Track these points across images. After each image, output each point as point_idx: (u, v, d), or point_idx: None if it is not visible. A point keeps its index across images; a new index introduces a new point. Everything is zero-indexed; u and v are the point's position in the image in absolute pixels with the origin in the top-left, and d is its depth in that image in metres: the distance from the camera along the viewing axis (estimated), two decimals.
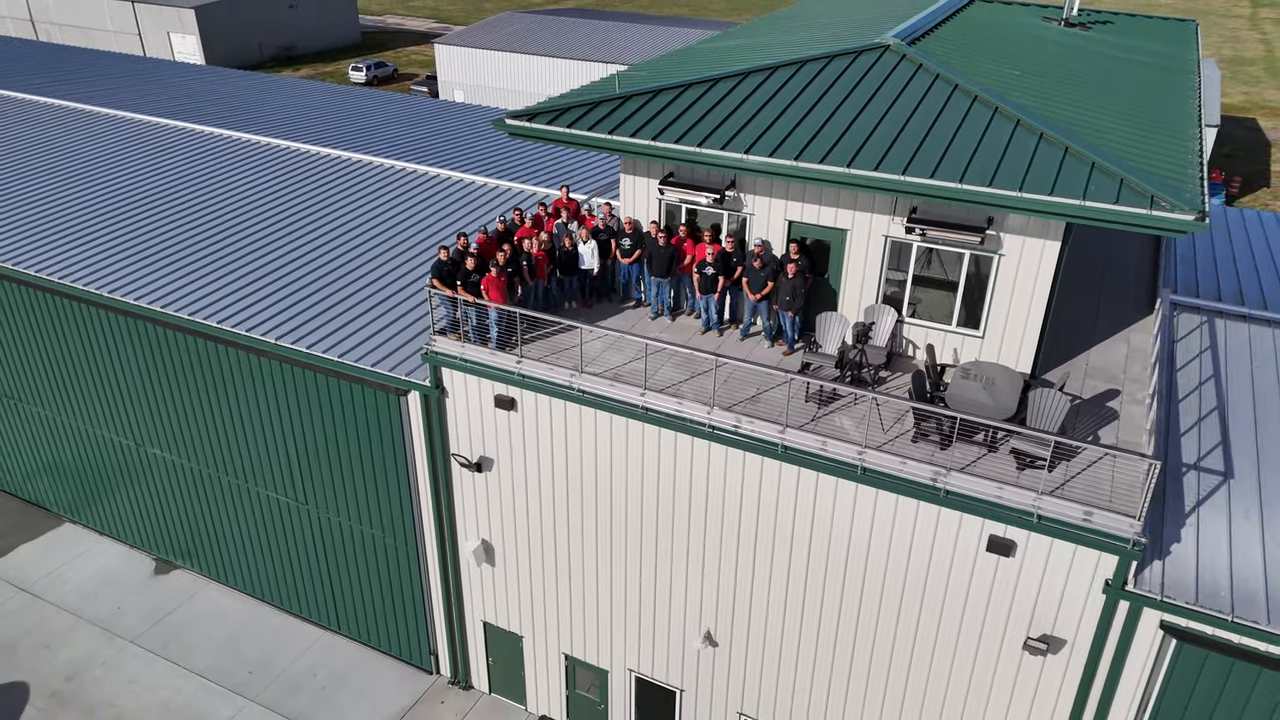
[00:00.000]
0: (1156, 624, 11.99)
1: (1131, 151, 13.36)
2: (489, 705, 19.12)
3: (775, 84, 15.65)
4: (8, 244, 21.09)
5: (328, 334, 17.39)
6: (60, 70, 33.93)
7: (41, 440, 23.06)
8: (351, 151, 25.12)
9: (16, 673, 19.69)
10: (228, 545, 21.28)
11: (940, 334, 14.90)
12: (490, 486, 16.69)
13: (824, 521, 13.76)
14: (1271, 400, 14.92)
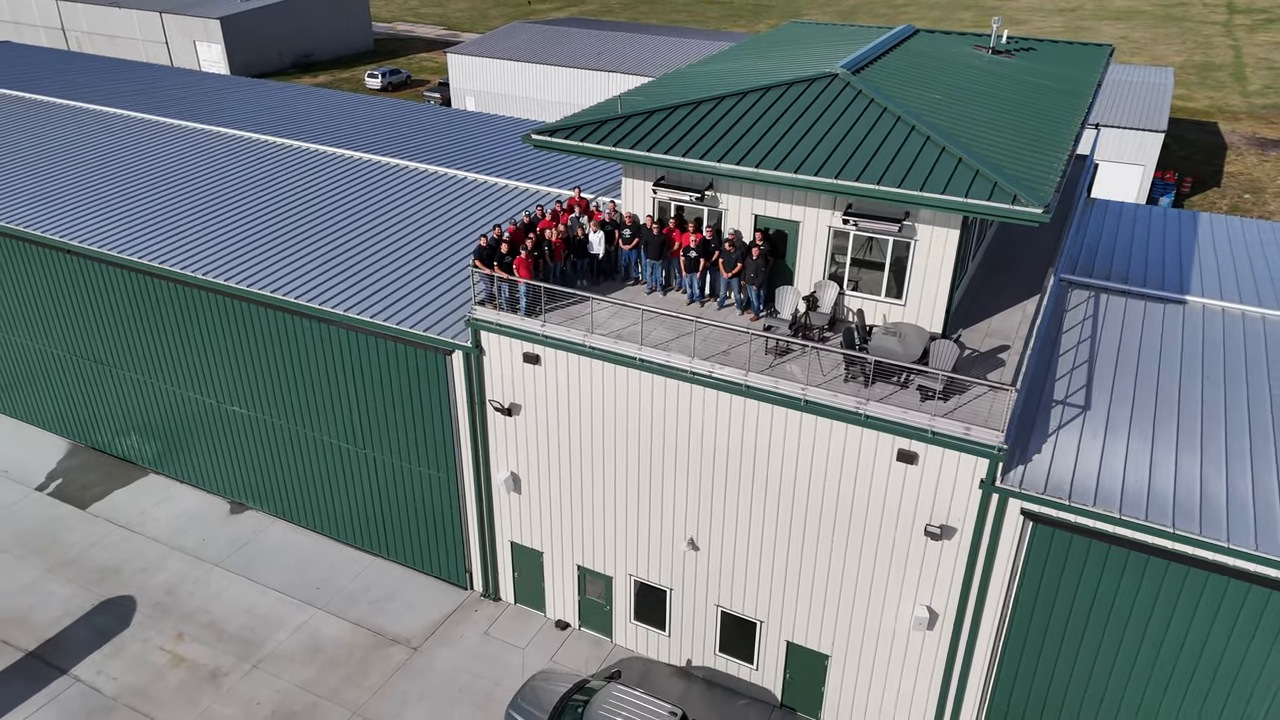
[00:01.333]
0: (1019, 511, 16.18)
1: (1009, 161, 17.55)
2: (514, 613, 23.32)
3: (745, 106, 19.83)
4: (111, 235, 25.30)
5: (385, 306, 21.60)
6: (130, 84, 38.15)
7: (132, 402, 27.26)
8: (397, 158, 29.34)
9: (124, 589, 23.90)
10: (294, 487, 25.49)
11: (873, 303, 19.07)
12: (518, 427, 20.90)
13: (777, 444, 17.95)
14: (1131, 354, 19.12)
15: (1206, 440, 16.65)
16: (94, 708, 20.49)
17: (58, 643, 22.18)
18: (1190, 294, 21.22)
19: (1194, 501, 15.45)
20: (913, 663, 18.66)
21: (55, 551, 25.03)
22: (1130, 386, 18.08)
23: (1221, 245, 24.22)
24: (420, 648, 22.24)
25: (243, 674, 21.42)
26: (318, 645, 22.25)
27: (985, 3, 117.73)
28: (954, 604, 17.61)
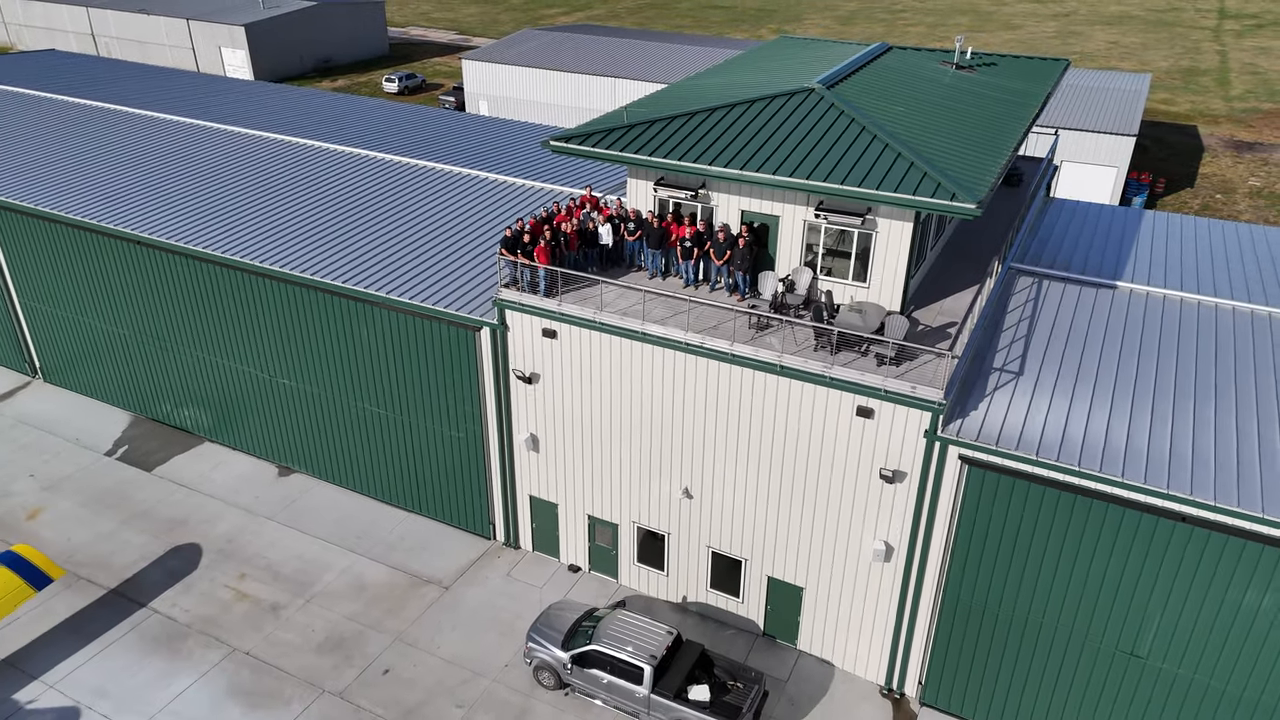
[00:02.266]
0: (957, 456, 19.39)
1: (953, 164, 20.76)
2: (532, 559, 26.60)
3: (733, 116, 23.06)
4: (172, 227, 28.66)
5: (420, 288, 24.90)
6: (176, 90, 41.57)
7: (190, 378, 30.62)
8: (424, 160, 32.67)
9: (190, 538, 27.25)
10: (336, 451, 28.82)
11: (842, 286, 22.28)
12: (537, 394, 24.18)
13: (758, 404, 21.18)
14: (1063, 330, 22.31)
15: (1117, 400, 19.85)
16: (171, 633, 23.83)
17: (135, 581, 25.54)
18: (1121, 281, 24.40)
19: (1099, 448, 18.64)
20: (874, 591, 21.90)
21: (127, 506, 28.41)
22: (1059, 356, 21.29)
23: (1159, 239, 27.39)
24: (451, 587, 25.54)
25: (298, 607, 24.74)
26: (361, 585, 25.57)
27: (981, 7, 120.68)
28: (906, 538, 20.84)
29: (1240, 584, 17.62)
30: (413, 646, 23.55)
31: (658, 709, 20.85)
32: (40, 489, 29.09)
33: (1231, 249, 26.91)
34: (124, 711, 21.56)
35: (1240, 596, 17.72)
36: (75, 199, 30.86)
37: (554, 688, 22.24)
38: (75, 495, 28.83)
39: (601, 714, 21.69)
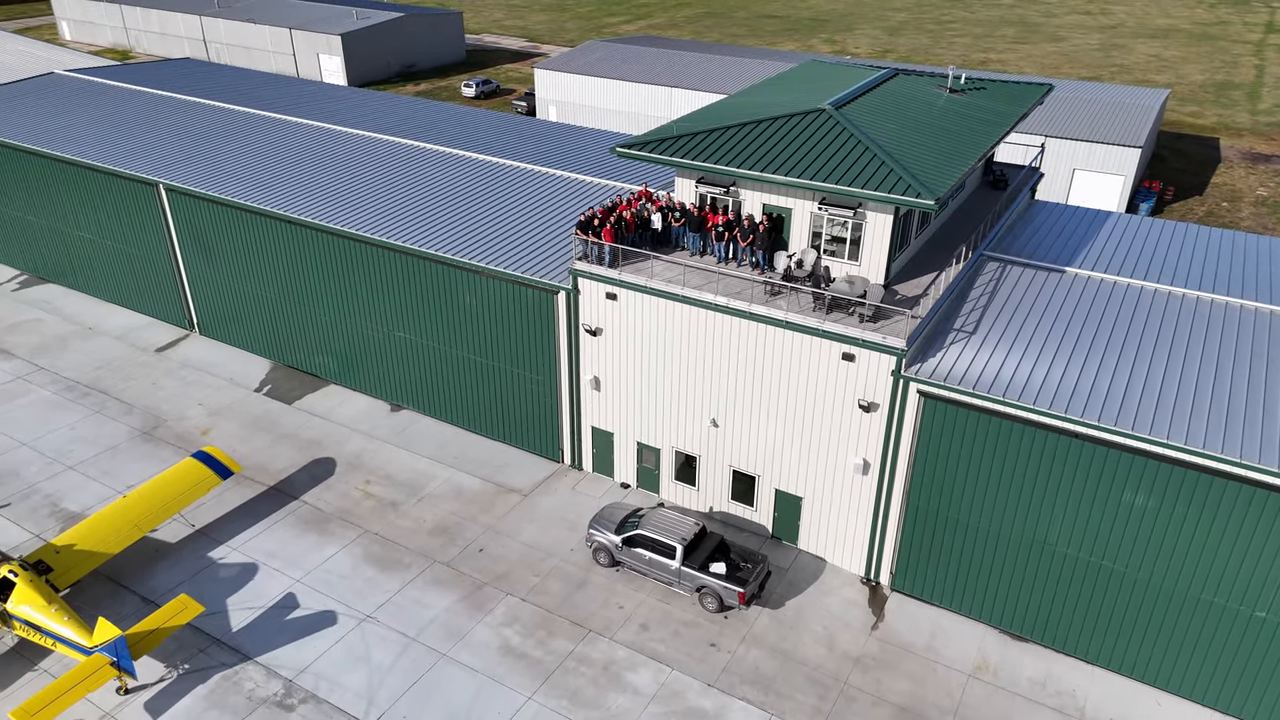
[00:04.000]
0: (917, 391, 25.69)
1: (924, 169, 27.03)
2: (592, 478, 33.48)
3: (759, 130, 29.58)
4: (311, 208, 36.21)
5: (510, 260, 31.94)
6: (299, 97, 49.56)
7: (322, 332, 38.19)
8: (511, 160, 39.84)
9: (326, 453, 34.75)
10: (437, 391, 36.08)
11: (840, 263, 28.66)
12: (600, 344, 31.04)
13: (769, 351, 27.71)
14: (1014, 303, 28.40)
15: (1043, 354, 25.94)
16: (318, 518, 31.28)
17: (288, 481, 33.11)
18: (1069, 267, 30.37)
19: (1035, 386, 24.79)
20: (856, 498, 28.29)
21: (275, 429, 36.09)
22: (1005, 322, 27.44)
23: (1117, 237, 33.17)
24: (528, 495, 32.61)
25: (412, 504, 32.03)
26: (459, 491, 32.78)
27: (1030, 19, 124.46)
28: (879, 455, 27.21)
29: (1120, 487, 23.67)
30: (500, 534, 30.65)
31: (686, 578, 27.58)
32: (207, 414, 36.95)
33: (1184, 247, 32.52)
34: (290, 567, 29.03)
35: (1121, 496, 23.77)
36: (231, 184, 38.67)
37: (608, 565, 29.10)
38: (234, 420, 36.62)
39: (643, 583, 28.49)
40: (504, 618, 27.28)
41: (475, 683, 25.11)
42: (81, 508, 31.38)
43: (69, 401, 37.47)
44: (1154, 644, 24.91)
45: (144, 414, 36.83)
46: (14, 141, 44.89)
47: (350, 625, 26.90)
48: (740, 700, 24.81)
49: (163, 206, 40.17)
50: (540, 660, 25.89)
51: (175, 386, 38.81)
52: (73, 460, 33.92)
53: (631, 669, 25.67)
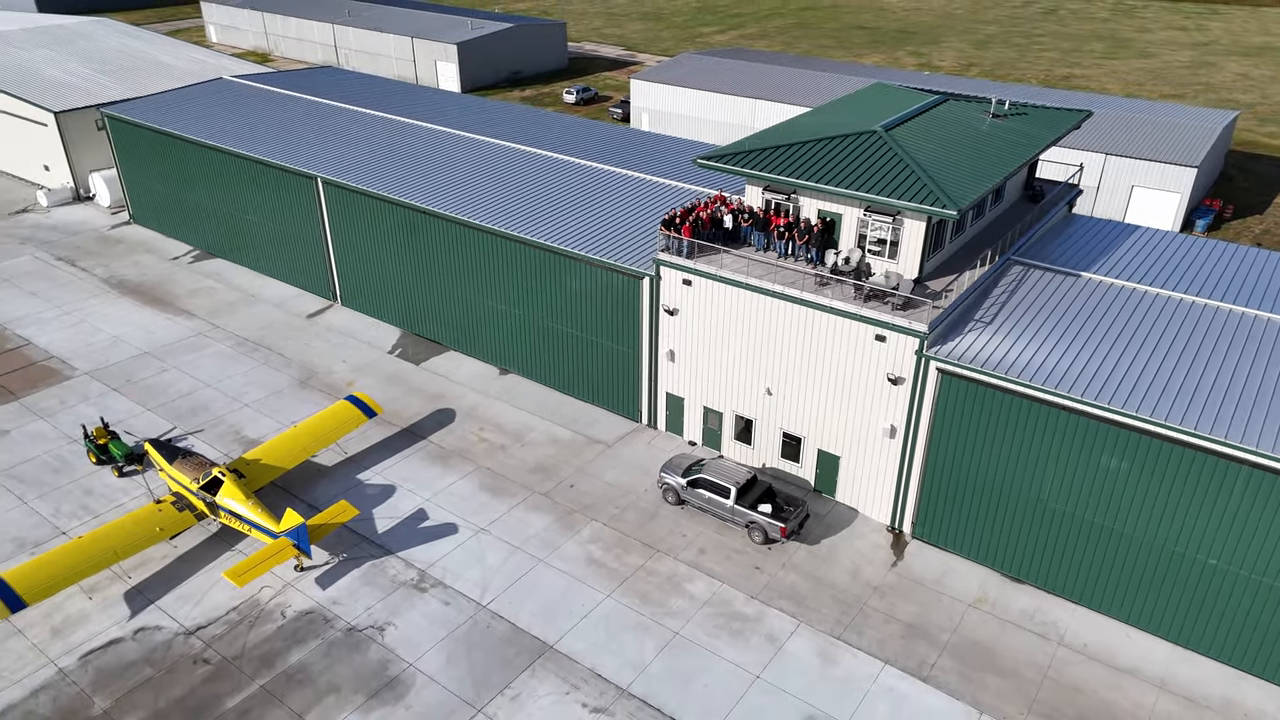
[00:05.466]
0: (936, 369, 31.07)
1: (954, 184, 32.29)
2: (665, 436, 39.72)
3: (818, 147, 35.23)
4: (441, 201, 43.42)
5: (604, 249, 38.41)
6: (427, 104, 57.29)
7: (444, 305, 45.45)
8: (606, 164, 46.41)
9: (446, 405, 41.90)
10: (539, 358, 42.84)
11: (882, 261, 34.14)
12: (677, 322, 37.23)
13: (816, 331, 33.42)
14: (1029, 300, 33.39)
15: (1048, 342, 30.97)
16: (441, 455, 38.37)
17: (417, 425, 40.37)
18: (1085, 272, 35.12)
19: (1035, 368, 29.91)
20: (884, 458, 33.76)
21: (405, 384, 43.49)
22: (1020, 315, 32.51)
23: (1138, 248, 37.59)
24: (611, 446, 39.06)
25: (516, 448, 38.86)
26: (555, 440, 39.46)
27: (1121, 34, 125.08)
28: (904, 422, 32.64)
29: (1100, 453, 28.64)
30: (587, 475, 37.18)
31: (737, 515, 33.58)
32: (351, 370, 44.66)
33: (1198, 259, 36.73)
34: (421, 489, 36.16)
35: (1100, 461, 28.72)
36: (373, 179, 46.28)
37: (674, 503, 35.30)
38: (372, 375, 44.20)
39: (703, 518, 34.60)
40: (589, 537, 33.79)
41: (565, 582, 31.68)
42: (258, 435, 39.26)
43: (241, 354, 45.74)
44: (1125, 586, 29.74)
45: (300, 367, 44.78)
46: (193, 137, 53.77)
47: (468, 535, 33.82)
48: (776, 610, 30.69)
49: (319, 196, 48.17)
50: (616, 570, 32.28)
51: (324, 346, 46.71)
52: (247, 400, 41.98)
53: (689, 581, 31.82)
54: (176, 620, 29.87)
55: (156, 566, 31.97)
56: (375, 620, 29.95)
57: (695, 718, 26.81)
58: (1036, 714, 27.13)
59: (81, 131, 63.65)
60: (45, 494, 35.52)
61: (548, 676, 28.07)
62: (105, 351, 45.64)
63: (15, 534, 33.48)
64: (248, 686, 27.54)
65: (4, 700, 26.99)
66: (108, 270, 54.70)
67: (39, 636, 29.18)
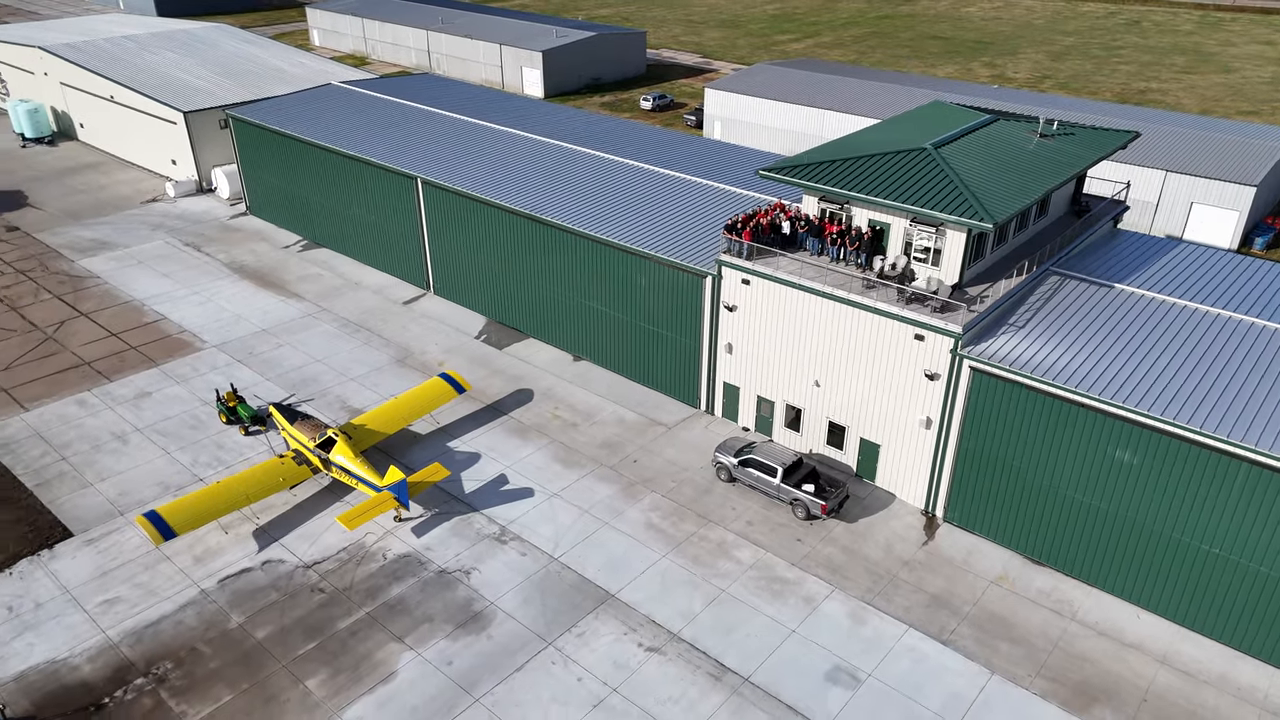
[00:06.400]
0: (969, 366, 34.26)
1: (993, 200, 35.37)
2: (720, 421, 43.59)
3: (873, 162, 38.62)
4: (527, 200, 48.06)
5: (672, 249, 42.46)
6: (512, 111, 62.26)
7: (526, 296, 50.10)
8: (675, 171, 50.49)
9: (525, 385, 46.48)
10: (610, 347, 47.14)
11: (925, 268, 37.40)
12: (736, 318, 41.07)
13: (861, 329, 36.87)
14: (1061, 307, 36.27)
15: (1079, 346, 33.88)
16: (520, 429, 42.96)
17: (499, 402, 45.05)
18: (1118, 284, 37.77)
19: (1059, 368, 32.92)
20: (920, 447, 37.03)
21: (490, 366, 48.30)
22: (1050, 321, 35.44)
23: (1175, 263, 39.92)
24: (671, 428, 43.12)
25: (586, 426, 43.22)
26: (621, 420, 43.71)
27: (1204, 48, 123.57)
28: (939, 414, 35.88)
29: (1114, 448, 31.51)
30: (649, 452, 41.32)
31: (783, 493, 37.28)
32: (442, 352, 49.70)
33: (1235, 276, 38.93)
34: (502, 458, 40.77)
35: (1114, 455, 31.59)
36: (466, 180, 51.20)
37: (726, 480, 39.17)
38: (461, 357, 49.14)
39: (751, 495, 38.39)
40: (648, 506, 37.91)
41: (626, 542, 35.86)
42: (362, 405, 44.51)
43: (345, 335, 51.23)
44: (1136, 570, 32.52)
45: (397, 347, 50.02)
46: (305, 137, 59.67)
47: (543, 498, 38.29)
48: (814, 576, 34.34)
49: (418, 195, 53.42)
50: (672, 535, 36.33)
51: (418, 330, 51.90)
52: (352, 375, 47.34)
53: (737, 548, 35.68)
54: (296, 555, 35.03)
55: (279, 510, 37.26)
56: (462, 565, 34.63)
57: (736, 660, 30.70)
58: (1043, 677, 30.24)
59: (206, 130, 70.53)
60: (184, 446, 41.29)
61: (609, 619, 32.29)
62: (229, 327, 51.65)
63: (161, 479, 39.22)
64: (356, 612, 32.46)
65: (159, 611, 32.44)
66: (228, 256, 61.07)
67: (184, 563, 34.63)
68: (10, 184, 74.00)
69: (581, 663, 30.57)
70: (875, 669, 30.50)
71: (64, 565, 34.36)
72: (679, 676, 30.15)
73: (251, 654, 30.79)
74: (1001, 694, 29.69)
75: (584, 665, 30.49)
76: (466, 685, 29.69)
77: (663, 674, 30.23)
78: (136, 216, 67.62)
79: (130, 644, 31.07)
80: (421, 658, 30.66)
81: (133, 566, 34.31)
